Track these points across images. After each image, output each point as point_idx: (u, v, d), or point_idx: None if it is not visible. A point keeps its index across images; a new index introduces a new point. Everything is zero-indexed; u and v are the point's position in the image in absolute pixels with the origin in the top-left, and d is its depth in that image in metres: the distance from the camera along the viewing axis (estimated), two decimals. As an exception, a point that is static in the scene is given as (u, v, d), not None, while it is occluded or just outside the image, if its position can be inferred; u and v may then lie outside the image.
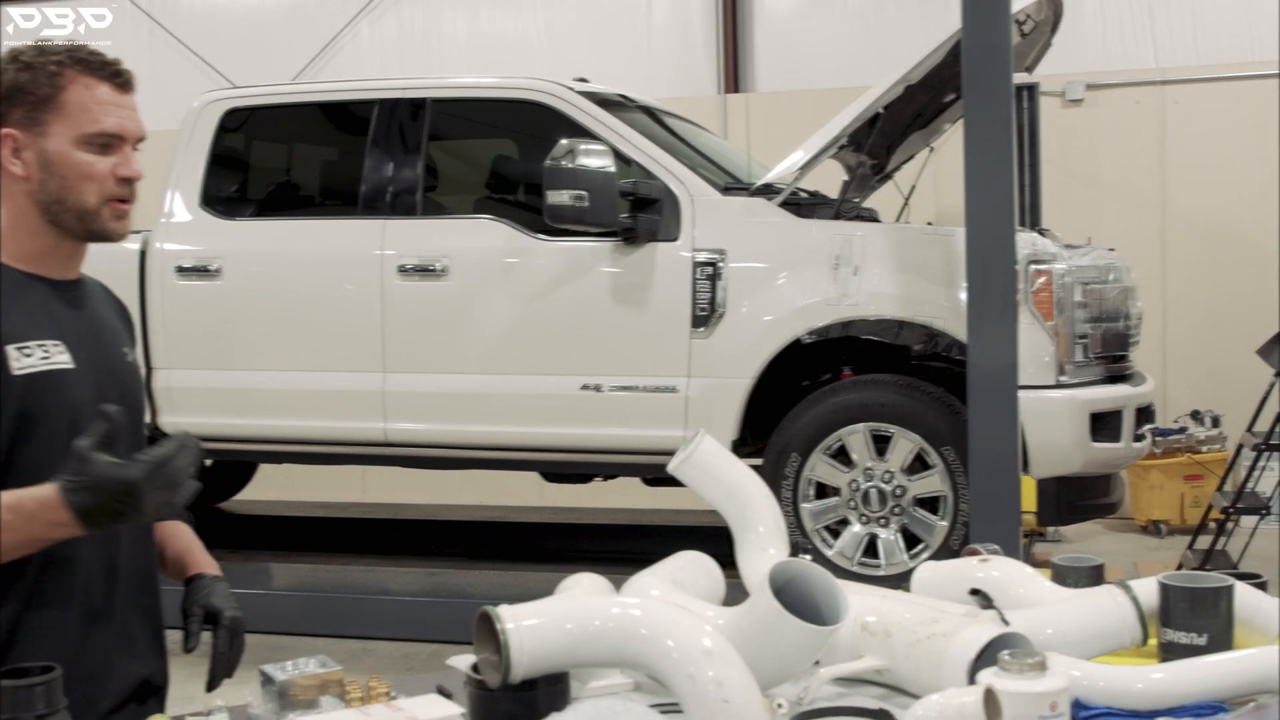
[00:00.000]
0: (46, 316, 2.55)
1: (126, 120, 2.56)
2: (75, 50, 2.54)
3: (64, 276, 2.66)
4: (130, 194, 2.59)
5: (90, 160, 2.52)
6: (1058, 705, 1.90)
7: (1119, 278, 6.55)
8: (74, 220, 2.56)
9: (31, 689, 2.14)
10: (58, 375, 2.50)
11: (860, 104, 6.53)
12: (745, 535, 2.78)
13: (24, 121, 2.51)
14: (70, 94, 2.51)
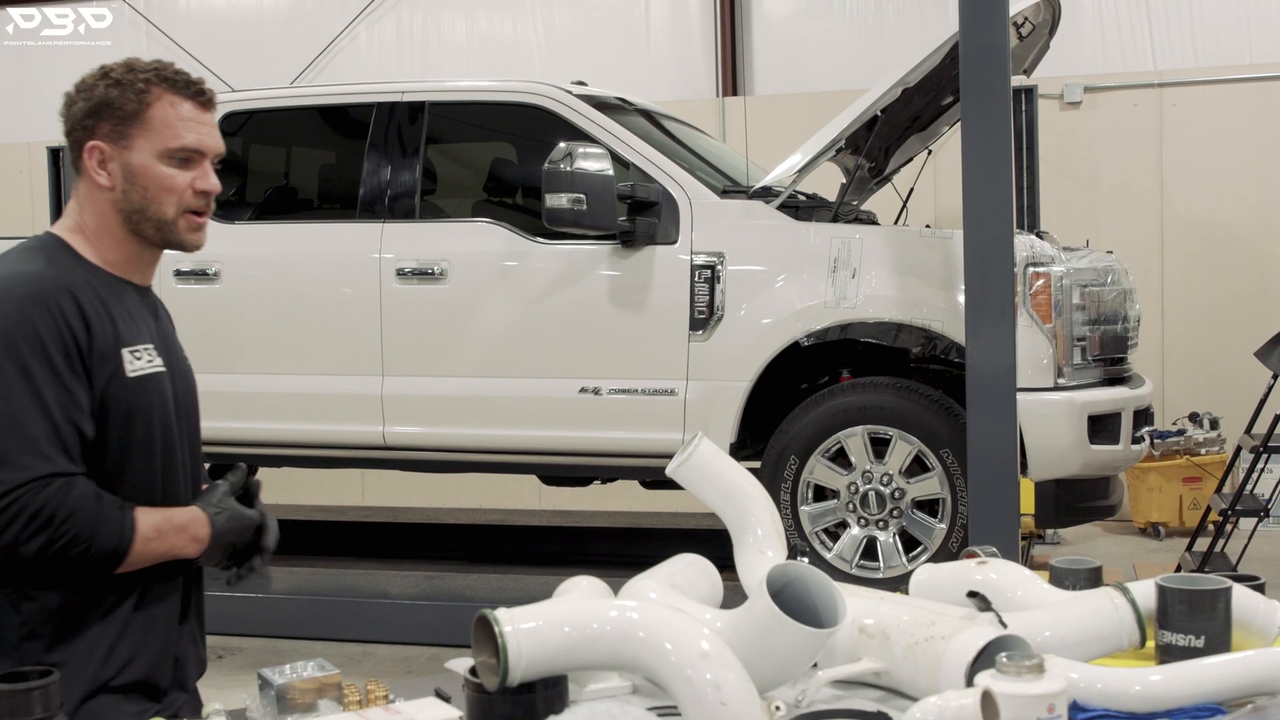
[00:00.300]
0: (141, 321, 2.72)
1: (206, 136, 2.71)
2: (162, 69, 2.69)
3: (144, 282, 2.81)
4: (206, 206, 2.75)
5: (171, 173, 2.67)
6: (1055, 707, 1.90)
7: (1117, 280, 6.55)
8: (153, 230, 2.70)
9: (29, 693, 2.13)
10: (156, 378, 2.68)
11: (858, 107, 6.53)
12: (743, 538, 2.78)
13: (111, 135, 2.65)
14: (155, 110, 2.65)
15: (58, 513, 2.44)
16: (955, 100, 6.77)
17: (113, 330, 2.60)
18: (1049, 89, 9.92)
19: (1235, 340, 9.34)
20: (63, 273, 2.60)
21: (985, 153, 5.74)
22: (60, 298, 2.54)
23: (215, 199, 2.81)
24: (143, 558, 2.58)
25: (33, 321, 2.50)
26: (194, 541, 2.65)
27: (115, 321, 2.61)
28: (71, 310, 2.54)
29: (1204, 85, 10.08)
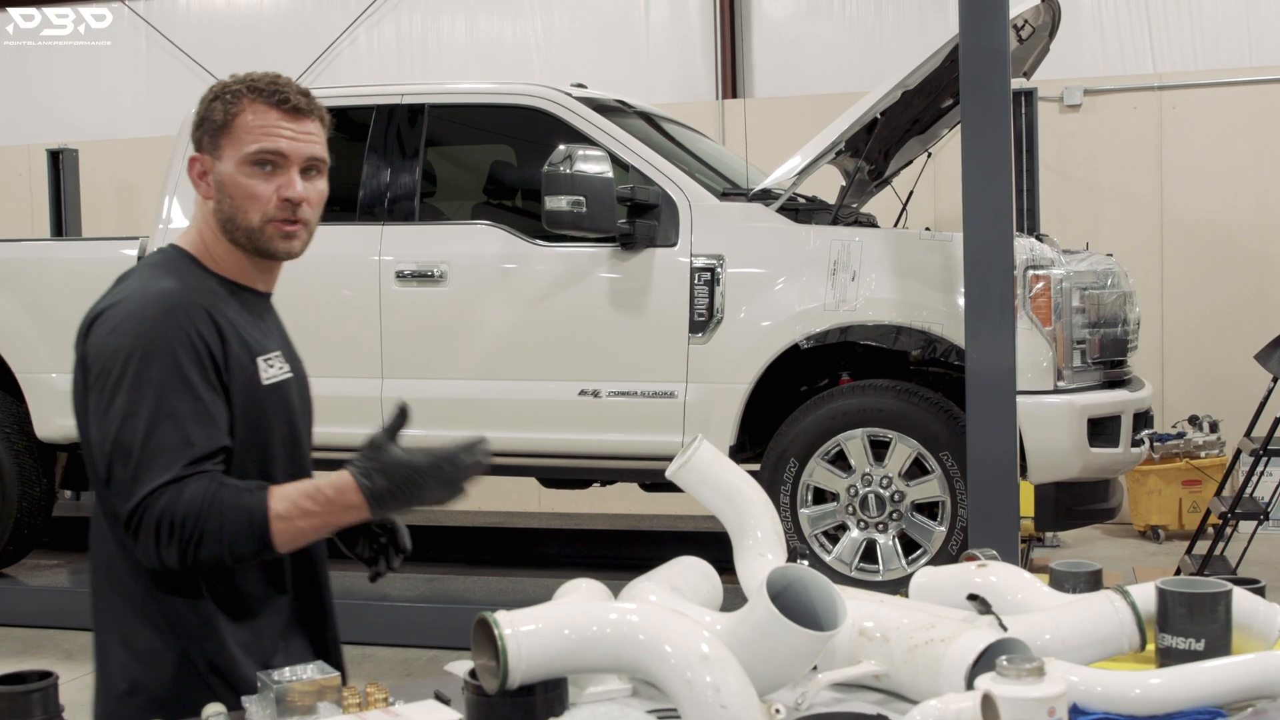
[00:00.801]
0: (268, 328, 2.78)
1: (288, 142, 2.68)
2: (254, 79, 2.70)
3: (267, 289, 2.85)
4: (295, 214, 2.71)
5: (254, 182, 2.66)
6: (1056, 710, 1.90)
7: (1117, 283, 6.55)
8: (245, 238, 2.70)
9: (29, 695, 2.14)
10: (286, 384, 2.74)
11: (858, 109, 6.54)
12: (743, 540, 2.78)
13: (207, 146, 2.70)
14: (241, 119, 2.66)
15: (175, 516, 2.46)
16: (955, 103, 6.77)
17: (247, 339, 2.66)
18: (1049, 92, 9.92)
19: (1235, 343, 9.34)
20: (194, 287, 2.65)
21: (985, 155, 5.74)
22: (194, 312, 2.58)
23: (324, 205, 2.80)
24: (295, 535, 2.54)
25: (167, 337, 2.54)
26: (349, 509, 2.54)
27: (248, 330, 2.68)
28: (206, 324, 2.58)
29: (1204, 88, 10.08)
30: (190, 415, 2.52)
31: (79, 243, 9.12)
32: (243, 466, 2.61)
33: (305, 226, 2.75)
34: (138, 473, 2.48)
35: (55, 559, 8.58)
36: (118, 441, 2.50)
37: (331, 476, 2.55)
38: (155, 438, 2.49)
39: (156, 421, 2.49)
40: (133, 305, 2.60)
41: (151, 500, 2.46)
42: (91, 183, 11.35)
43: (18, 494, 7.61)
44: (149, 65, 12.51)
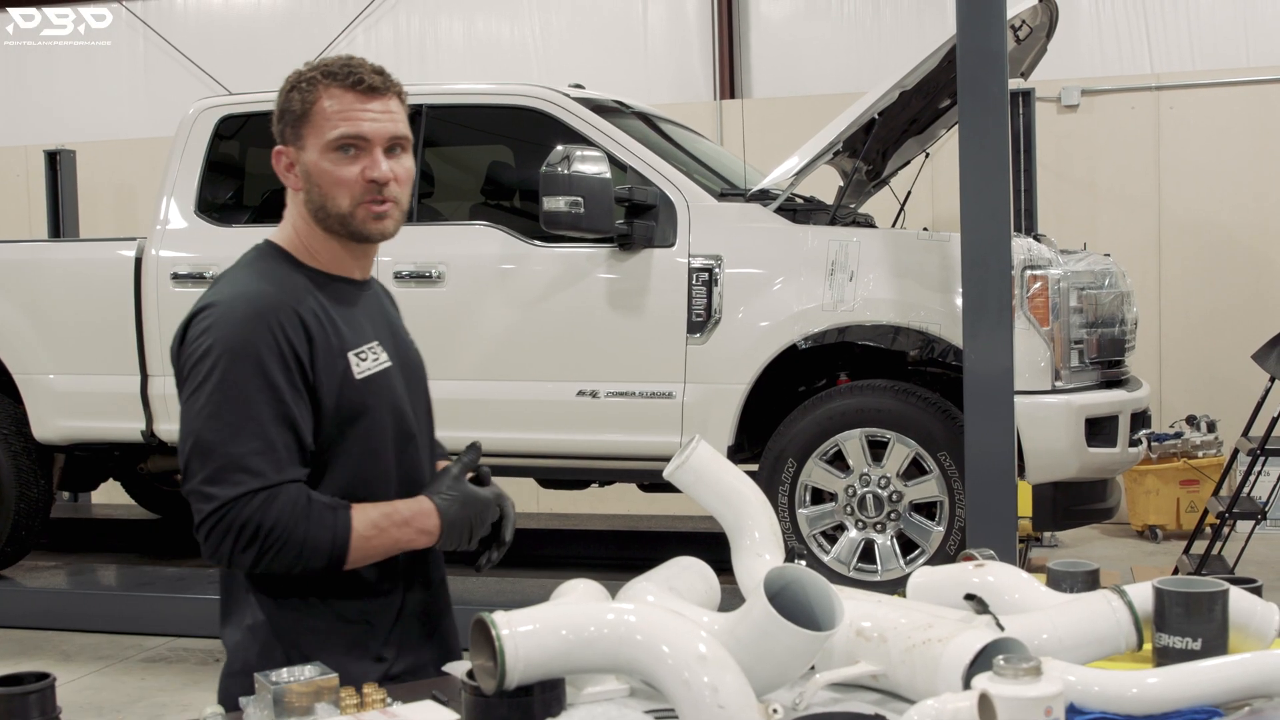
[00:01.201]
0: (364, 319, 2.78)
1: (367, 122, 2.67)
2: (328, 64, 2.71)
3: (363, 275, 2.85)
4: (383, 194, 2.71)
5: (336, 167, 2.67)
6: (1053, 710, 1.90)
7: (1114, 283, 6.56)
8: (337, 225, 2.72)
9: (26, 696, 2.14)
10: (384, 374, 2.74)
11: (856, 110, 6.54)
12: (741, 541, 2.78)
13: (291, 138, 2.74)
14: (318, 106, 2.68)
15: (263, 524, 2.51)
16: (953, 103, 6.78)
17: (337, 336, 2.67)
18: (1046, 92, 9.92)
19: (1232, 343, 9.35)
20: (284, 286, 2.67)
21: (983, 156, 5.74)
22: (281, 314, 2.61)
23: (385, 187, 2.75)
24: (367, 554, 2.63)
25: (253, 341, 2.56)
26: (422, 534, 2.68)
27: (339, 326, 2.68)
28: (293, 325, 2.61)
29: (1201, 88, 10.09)
30: (274, 420, 2.55)
31: (76, 244, 9.13)
32: (349, 461, 2.68)
33: (396, 205, 2.75)
34: (220, 474, 2.52)
35: (53, 560, 8.58)
36: (199, 440, 2.55)
37: (410, 500, 2.68)
38: (239, 441, 2.53)
39: (241, 425, 2.53)
40: (223, 308, 2.63)
41: (239, 504, 2.51)
42: (89, 184, 11.34)
43: (15, 495, 7.62)
44: (146, 66, 12.50)
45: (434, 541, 2.70)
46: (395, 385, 2.78)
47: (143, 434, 7.37)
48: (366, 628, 2.76)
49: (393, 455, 2.77)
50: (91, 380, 7.43)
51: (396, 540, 2.65)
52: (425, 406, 2.95)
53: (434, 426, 3.01)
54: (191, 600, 7.23)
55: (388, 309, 2.94)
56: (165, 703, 6.11)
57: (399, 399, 2.79)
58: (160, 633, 7.15)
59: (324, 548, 2.56)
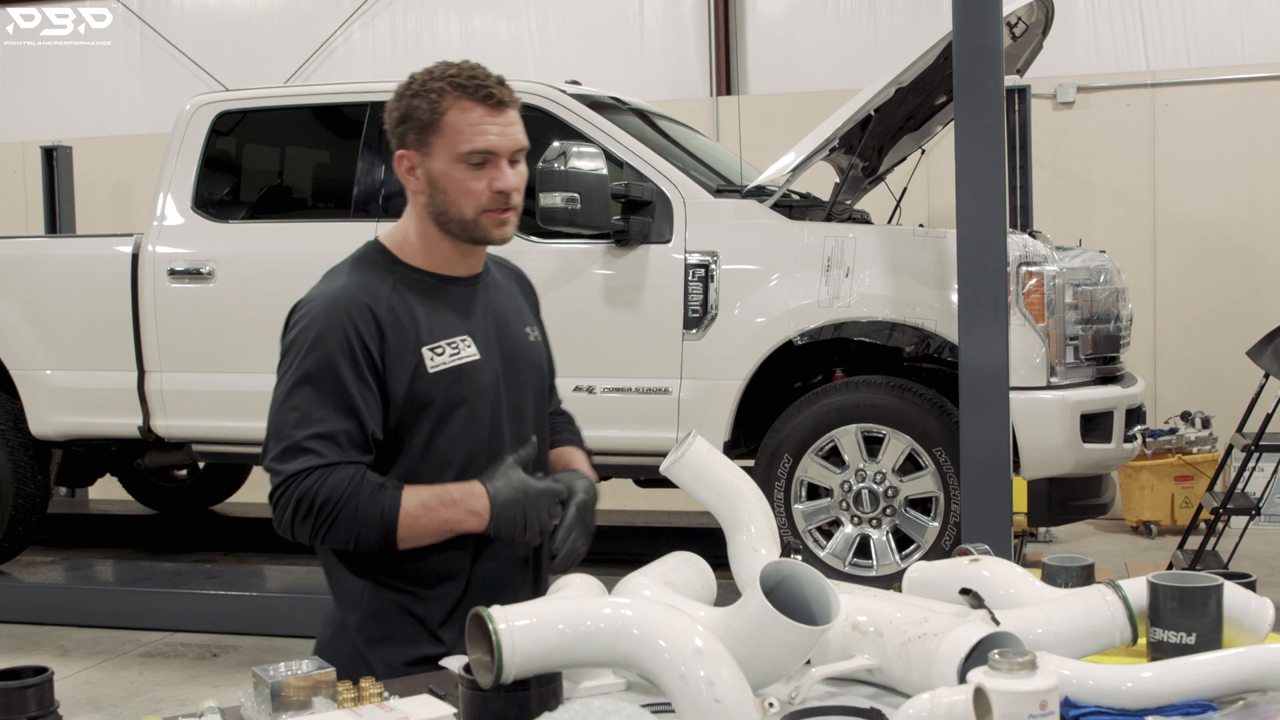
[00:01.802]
0: (456, 315, 2.89)
1: (497, 137, 2.82)
2: (455, 75, 2.85)
3: (470, 273, 2.96)
4: (506, 203, 2.84)
5: (467, 177, 2.80)
6: (1047, 704, 1.91)
7: (1110, 279, 6.57)
8: (459, 229, 2.85)
9: (24, 691, 2.14)
10: (468, 367, 2.85)
11: (852, 106, 6.54)
12: (737, 536, 2.79)
13: (415, 143, 2.86)
14: (449, 117, 2.81)
15: (317, 498, 2.69)
16: (949, 100, 6.78)
17: (414, 332, 2.81)
18: (1042, 89, 9.93)
19: (1227, 339, 9.36)
20: (368, 284, 2.82)
21: (978, 152, 5.75)
22: (355, 311, 2.78)
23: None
24: (418, 533, 2.74)
25: (325, 336, 2.76)
26: (471, 515, 2.75)
27: (419, 321, 2.82)
28: (366, 322, 2.77)
29: (1197, 85, 10.10)
30: (338, 409, 2.74)
31: (73, 240, 9.12)
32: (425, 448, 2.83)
33: (515, 212, 2.88)
34: (286, 454, 2.73)
35: (50, 556, 8.59)
36: (273, 422, 2.80)
37: (463, 484, 2.79)
38: (304, 426, 2.74)
39: (307, 411, 2.75)
40: (310, 304, 2.84)
41: (299, 479, 2.71)
42: (86, 180, 11.33)
43: (13, 491, 7.62)
44: (143, 62, 12.50)
45: (484, 525, 2.76)
46: (480, 378, 2.87)
47: (139, 430, 7.37)
48: (425, 610, 2.87)
49: (469, 445, 2.87)
50: (88, 376, 7.43)
51: (445, 520, 2.75)
52: (533, 396, 3.04)
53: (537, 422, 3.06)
54: (188, 595, 7.23)
55: (500, 301, 3.03)
56: (162, 697, 6.11)
57: (482, 391, 2.88)
58: (157, 628, 7.16)
59: (374, 523, 2.69)
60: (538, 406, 3.06)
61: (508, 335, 2.98)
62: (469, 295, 2.94)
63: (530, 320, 3.11)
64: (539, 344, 3.11)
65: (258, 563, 8.44)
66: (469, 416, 2.86)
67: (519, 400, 2.98)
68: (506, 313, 3.02)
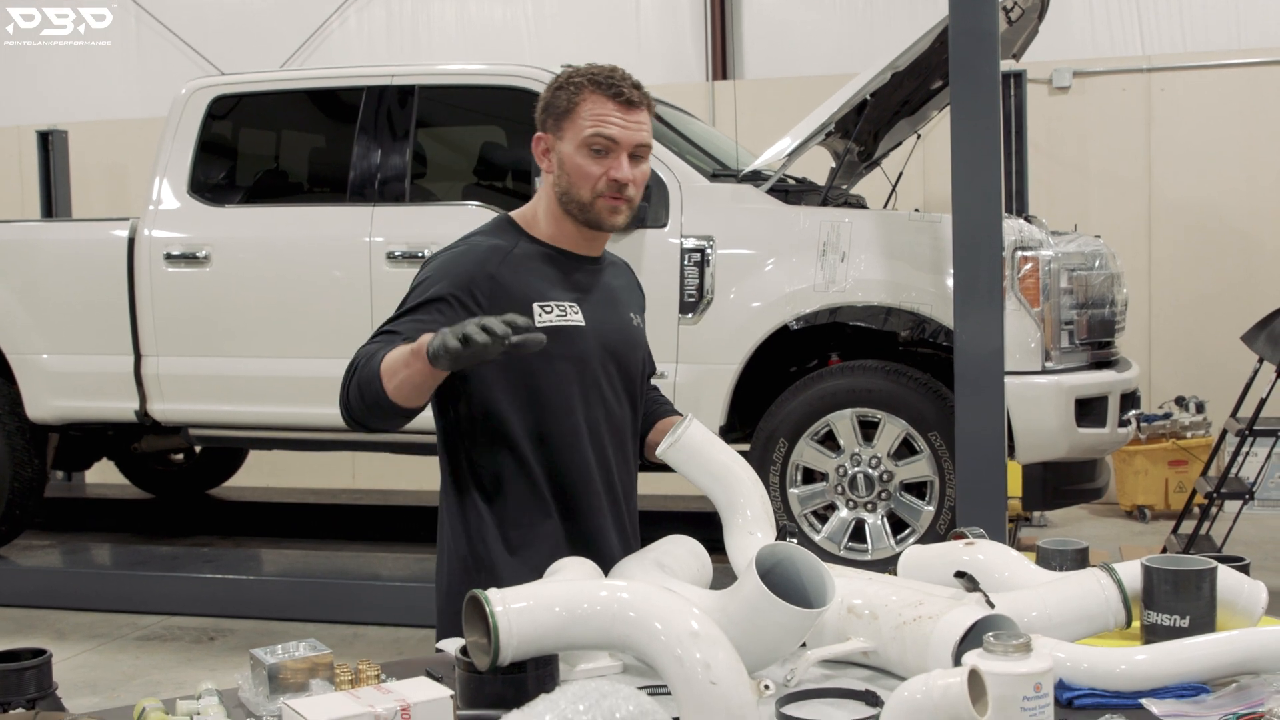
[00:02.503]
0: (569, 285, 3.08)
1: (620, 130, 3.02)
2: (595, 72, 3.08)
3: (588, 253, 3.16)
4: (621, 192, 3.03)
5: (587, 163, 3.01)
6: (1042, 686, 1.92)
7: (1105, 264, 6.57)
8: (577, 210, 3.05)
9: (22, 673, 2.15)
10: (570, 330, 3.02)
11: (848, 91, 6.54)
12: (733, 519, 2.80)
13: (551, 128, 3.08)
14: (582, 108, 3.03)
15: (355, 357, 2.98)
16: (944, 84, 6.78)
17: (526, 287, 3.00)
18: (1038, 73, 9.92)
19: (1222, 324, 9.36)
20: (493, 246, 3.05)
21: (974, 137, 5.75)
22: (477, 256, 3.02)
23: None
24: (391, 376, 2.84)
25: (446, 269, 3.01)
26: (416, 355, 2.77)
27: (534, 281, 3.02)
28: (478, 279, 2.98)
29: (1193, 70, 10.09)
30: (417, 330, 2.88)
31: (69, 224, 9.12)
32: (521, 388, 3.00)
33: (629, 204, 3.06)
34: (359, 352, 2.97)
35: (47, 539, 8.60)
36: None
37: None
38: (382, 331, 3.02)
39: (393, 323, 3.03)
40: (435, 260, 3.08)
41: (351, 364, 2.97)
42: (82, 164, 11.31)
43: (10, 475, 7.63)
44: (139, 47, 12.46)
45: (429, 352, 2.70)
46: (582, 344, 3.04)
47: (136, 414, 7.38)
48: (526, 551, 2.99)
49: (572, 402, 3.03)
50: (85, 360, 7.43)
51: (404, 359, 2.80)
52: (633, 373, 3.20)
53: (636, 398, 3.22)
54: (186, 579, 7.24)
55: (615, 287, 3.24)
56: (160, 680, 6.12)
57: (582, 356, 3.05)
58: (155, 611, 7.17)
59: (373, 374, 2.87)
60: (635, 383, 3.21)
61: (614, 314, 3.17)
62: (586, 272, 3.14)
63: (635, 309, 3.30)
64: (641, 328, 3.30)
65: (255, 546, 8.45)
66: (564, 374, 3.02)
67: (618, 373, 3.15)
68: (617, 295, 3.22)
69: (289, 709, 1.92)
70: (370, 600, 6.89)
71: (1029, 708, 1.92)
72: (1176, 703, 2.20)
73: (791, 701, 2.27)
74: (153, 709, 2.24)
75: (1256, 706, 2.10)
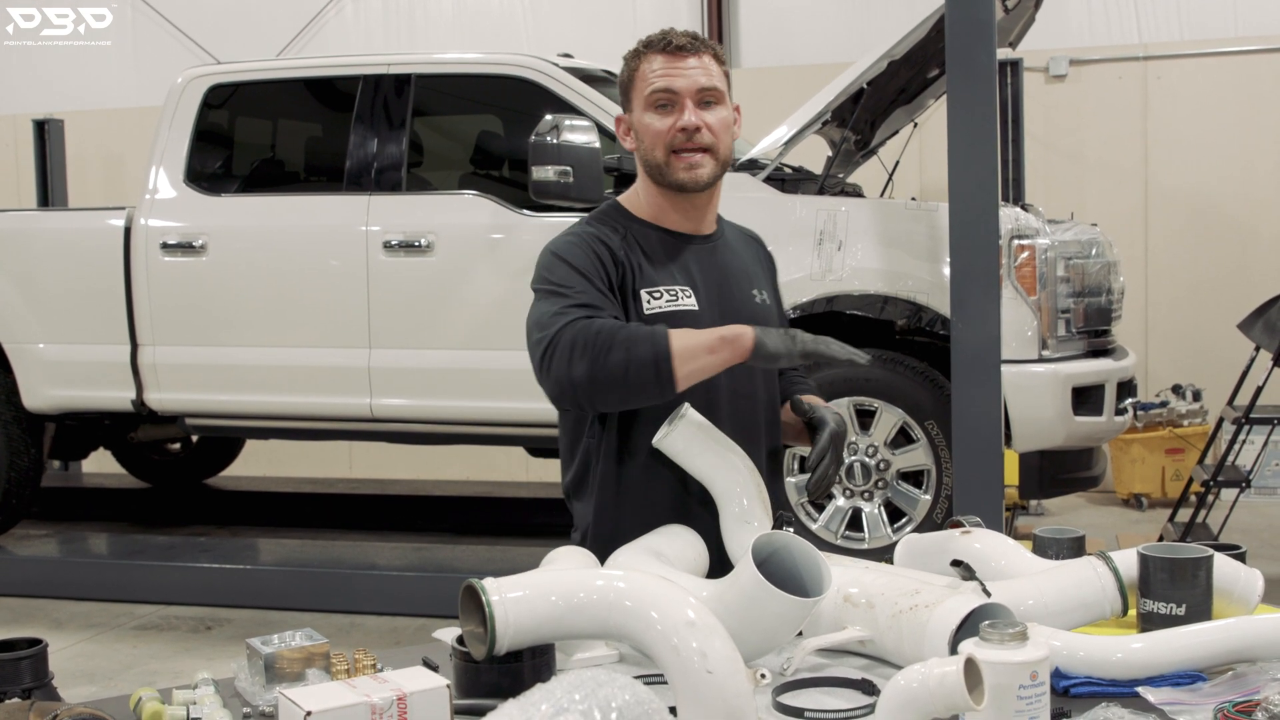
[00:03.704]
0: (679, 266, 3.04)
1: (675, 78, 2.98)
2: (651, 36, 3.05)
3: (696, 231, 3.11)
4: (693, 140, 2.97)
5: (654, 120, 2.99)
6: (1038, 674, 1.92)
7: (1101, 252, 6.57)
8: (659, 175, 3.03)
9: (18, 662, 2.15)
10: (682, 315, 2.95)
11: (844, 79, 6.53)
12: (729, 508, 2.80)
13: (624, 104, 3.10)
14: (639, 72, 3.02)
15: (589, 332, 2.76)
16: (941, 73, 6.77)
17: (638, 273, 2.97)
18: (1034, 62, 9.91)
19: (1218, 312, 9.36)
20: (603, 232, 3.02)
21: (971, 125, 5.75)
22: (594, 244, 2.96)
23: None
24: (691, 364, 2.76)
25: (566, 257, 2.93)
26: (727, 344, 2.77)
27: (643, 267, 2.99)
28: (604, 253, 2.95)
29: (1189, 59, 10.09)
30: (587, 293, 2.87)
31: (65, 213, 9.10)
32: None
33: (709, 154, 3.00)
34: (552, 321, 2.81)
35: (44, 529, 8.60)
36: (535, 318, 2.89)
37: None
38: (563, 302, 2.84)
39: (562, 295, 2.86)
40: (554, 245, 3.01)
41: (566, 329, 2.78)
42: (78, 153, 11.30)
43: (6, 464, 7.63)
44: (135, 35, 12.44)
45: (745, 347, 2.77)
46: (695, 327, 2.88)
47: (133, 403, 7.38)
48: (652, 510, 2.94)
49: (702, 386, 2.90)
50: (81, 349, 7.43)
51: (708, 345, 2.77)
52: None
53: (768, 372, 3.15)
54: (182, 569, 7.25)
55: (728, 261, 3.14)
56: (157, 670, 6.12)
57: None
58: (151, 601, 7.17)
59: (647, 352, 2.74)
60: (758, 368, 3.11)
61: (731, 293, 3.09)
62: (696, 252, 3.08)
63: (761, 283, 3.21)
64: (766, 305, 3.19)
65: (251, 536, 8.46)
66: None
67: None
68: (733, 272, 3.14)
69: (285, 698, 1.92)
70: (367, 590, 6.89)
71: (1025, 696, 1.92)
72: (1173, 691, 2.21)
73: (788, 690, 2.27)
74: (149, 698, 2.24)
75: (1252, 694, 2.11)
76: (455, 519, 8.90)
